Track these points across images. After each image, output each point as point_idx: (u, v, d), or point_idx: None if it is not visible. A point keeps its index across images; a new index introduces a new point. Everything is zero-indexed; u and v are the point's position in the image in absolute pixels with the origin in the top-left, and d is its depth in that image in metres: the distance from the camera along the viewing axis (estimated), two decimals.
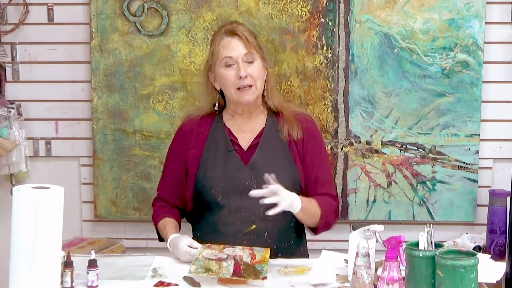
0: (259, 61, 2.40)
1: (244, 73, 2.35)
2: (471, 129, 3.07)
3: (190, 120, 2.52)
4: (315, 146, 2.47)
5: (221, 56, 2.38)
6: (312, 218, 2.38)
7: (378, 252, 2.05)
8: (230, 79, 2.37)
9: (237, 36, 2.38)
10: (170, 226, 2.42)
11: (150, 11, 3.06)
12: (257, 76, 2.38)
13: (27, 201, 1.84)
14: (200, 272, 2.05)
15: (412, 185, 3.11)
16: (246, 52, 2.37)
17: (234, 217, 2.37)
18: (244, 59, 2.37)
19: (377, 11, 3.03)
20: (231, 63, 2.37)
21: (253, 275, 2.06)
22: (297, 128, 2.45)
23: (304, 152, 2.45)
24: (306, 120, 2.49)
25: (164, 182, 2.55)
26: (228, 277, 2.04)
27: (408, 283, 1.92)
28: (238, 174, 2.38)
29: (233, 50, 2.37)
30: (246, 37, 2.38)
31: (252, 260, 2.15)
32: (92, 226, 3.22)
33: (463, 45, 3.03)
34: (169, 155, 2.54)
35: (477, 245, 2.96)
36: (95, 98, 3.10)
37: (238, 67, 2.36)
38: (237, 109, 2.46)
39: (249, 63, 2.38)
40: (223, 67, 2.39)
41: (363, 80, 3.06)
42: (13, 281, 1.85)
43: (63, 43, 3.13)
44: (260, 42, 2.48)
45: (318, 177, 2.45)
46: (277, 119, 2.47)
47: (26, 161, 3.11)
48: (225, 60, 2.38)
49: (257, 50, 2.40)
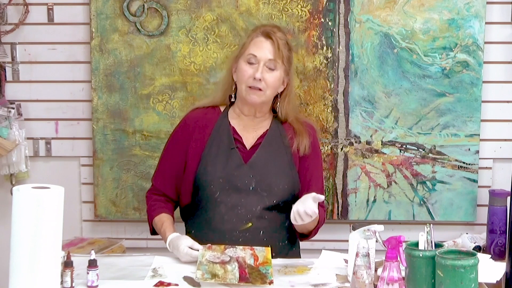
0: (280, 72, 2.41)
1: (260, 75, 2.36)
2: (471, 129, 3.07)
3: (194, 112, 2.53)
4: (313, 154, 2.49)
5: (248, 51, 2.40)
6: (306, 229, 2.43)
7: (378, 252, 2.05)
8: (245, 74, 2.39)
9: (270, 39, 2.40)
10: (167, 224, 2.42)
11: (150, 11, 3.06)
12: (270, 85, 2.39)
13: (27, 201, 1.84)
14: (207, 278, 2.05)
15: (412, 185, 3.11)
16: (271, 58, 2.39)
17: (231, 214, 2.37)
18: (267, 63, 2.38)
19: (377, 11, 3.03)
20: (254, 62, 2.39)
21: (259, 280, 2.06)
22: (307, 143, 2.46)
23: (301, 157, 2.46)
24: (312, 131, 2.52)
25: (161, 172, 2.53)
26: (235, 283, 2.04)
27: (408, 283, 1.92)
28: (238, 172, 2.39)
29: (260, 50, 2.39)
30: (279, 44, 2.39)
31: (255, 262, 2.16)
32: (92, 226, 3.22)
33: (463, 45, 3.03)
34: (169, 145, 2.53)
35: (477, 245, 2.96)
36: (95, 98, 3.10)
37: (258, 68, 2.37)
38: (243, 109, 2.46)
39: (270, 70, 2.39)
40: (245, 62, 2.40)
41: (363, 80, 3.06)
42: (13, 281, 1.85)
43: (63, 43, 3.13)
44: (292, 55, 2.48)
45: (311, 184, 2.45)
46: (284, 127, 2.48)
47: (26, 161, 3.11)
48: (249, 57, 2.40)
49: (283, 61, 2.41)
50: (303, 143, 2.46)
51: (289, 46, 2.46)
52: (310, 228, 2.42)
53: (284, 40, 2.43)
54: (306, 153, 2.46)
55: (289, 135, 2.46)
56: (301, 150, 2.45)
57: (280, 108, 2.48)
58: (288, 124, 2.49)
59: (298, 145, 2.45)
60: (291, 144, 2.45)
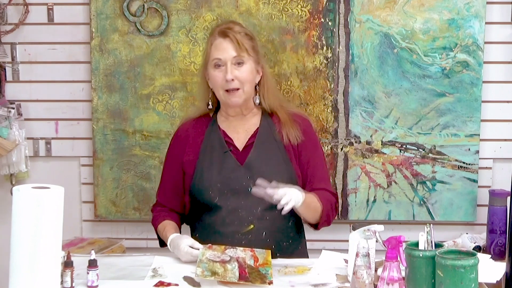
0: (249, 64, 2.40)
1: (231, 76, 2.35)
2: (471, 129, 3.07)
3: (185, 124, 2.54)
4: (311, 145, 2.48)
5: (212, 57, 2.40)
6: (313, 212, 2.38)
7: (378, 252, 2.05)
8: (218, 80, 2.38)
9: (228, 38, 2.38)
10: (169, 227, 2.43)
11: (150, 11, 3.06)
12: (244, 80, 2.38)
13: (27, 201, 1.84)
14: (207, 275, 2.05)
15: (412, 185, 3.11)
16: (235, 55, 2.37)
17: (232, 217, 2.37)
18: (233, 61, 2.37)
19: (377, 11, 3.03)
20: (220, 64, 2.38)
21: (259, 279, 2.06)
22: (296, 131, 2.45)
23: (300, 151, 2.45)
24: (302, 121, 2.50)
25: (163, 188, 2.56)
26: (235, 281, 2.04)
27: (408, 283, 1.92)
28: (234, 175, 2.39)
29: (223, 52, 2.38)
30: (238, 39, 2.38)
31: (255, 263, 2.16)
32: (92, 226, 3.22)
33: (463, 45, 3.03)
34: (166, 161, 2.56)
35: (477, 245, 2.96)
36: (95, 98, 3.10)
37: (226, 70, 2.36)
38: (228, 111, 2.47)
39: (238, 66, 2.38)
40: (212, 68, 2.40)
41: (363, 80, 3.06)
42: (13, 281, 1.85)
43: (63, 43, 3.13)
44: (257, 43, 2.46)
45: (315, 173, 2.46)
46: (272, 120, 2.47)
47: (26, 161, 3.11)
48: (214, 61, 2.39)
49: (248, 53, 2.39)
50: (291, 132, 2.44)
51: (250, 36, 2.44)
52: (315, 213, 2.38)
53: (242, 32, 2.41)
54: (299, 142, 2.44)
55: (277, 128, 2.45)
56: (292, 139, 2.44)
57: (263, 97, 2.46)
58: (276, 117, 2.47)
59: (287, 135, 2.43)
60: (281, 137, 2.44)
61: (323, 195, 2.41)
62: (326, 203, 2.40)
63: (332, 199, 2.46)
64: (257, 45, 2.47)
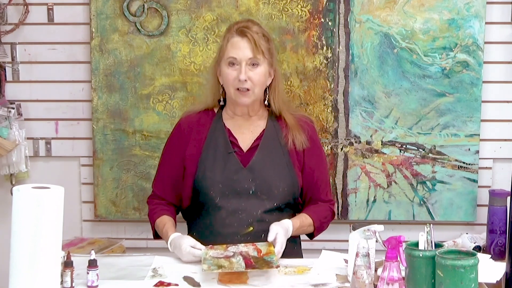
0: (264, 67, 2.38)
1: (244, 76, 2.34)
2: (471, 129, 3.07)
3: (188, 117, 2.51)
4: (315, 152, 2.49)
5: (227, 54, 2.38)
6: (305, 231, 2.48)
7: (378, 252, 2.05)
8: (230, 78, 2.37)
9: (246, 37, 2.36)
10: (169, 225, 2.42)
11: (150, 11, 3.06)
12: (257, 82, 2.37)
13: (27, 201, 1.84)
14: (213, 269, 2.07)
15: (412, 185, 3.11)
16: (251, 56, 2.36)
17: (232, 219, 2.37)
18: (249, 62, 2.36)
19: (377, 11, 3.03)
20: (235, 63, 2.37)
21: (265, 266, 2.09)
22: (303, 137, 2.45)
23: (304, 158, 2.46)
24: (307, 126, 2.50)
25: (160, 179, 2.53)
26: (242, 270, 2.06)
27: (408, 283, 1.92)
28: (237, 176, 2.38)
29: (239, 51, 2.36)
30: (255, 40, 2.35)
31: (258, 254, 2.18)
32: (92, 226, 3.22)
33: (463, 45, 3.03)
34: (166, 152, 2.53)
35: (477, 245, 2.96)
36: (95, 98, 3.10)
37: (240, 70, 2.35)
38: (236, 110, 2.46)
39: (253, 67, 2.37)
40: (226, 66, 2.38)
41: (363, 80, 3.06)
42: (13, 281, 1.85)
43: (63, 43, 3.13)
44: (273, 45, 2.45)
45: (318, 184, 2.49)
46: (279, 123, 2.47)
47: (26, 161, 3.11)
48: (229, 60, 2.37)
49: (264, 55, 2.37)
50: (297, 138, 2.44)
51: (267, 37, 2.42)
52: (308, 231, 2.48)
53: (260, 33, 2.39)
54: (305, 148, 2.45)
55: (284, 132, 2.45)
56: (298, 145, 2.44)
57: (272, 100, 2.45)
58: (283, 120, 2.47)
59: (293, 140, 2.44)
60: (286, 142, 2.44)
61: (318, 210, 2.47)
62: (319, 219, 2.47)
63: (327, 211, 2.51)
64: (273, 47, 2.45)
